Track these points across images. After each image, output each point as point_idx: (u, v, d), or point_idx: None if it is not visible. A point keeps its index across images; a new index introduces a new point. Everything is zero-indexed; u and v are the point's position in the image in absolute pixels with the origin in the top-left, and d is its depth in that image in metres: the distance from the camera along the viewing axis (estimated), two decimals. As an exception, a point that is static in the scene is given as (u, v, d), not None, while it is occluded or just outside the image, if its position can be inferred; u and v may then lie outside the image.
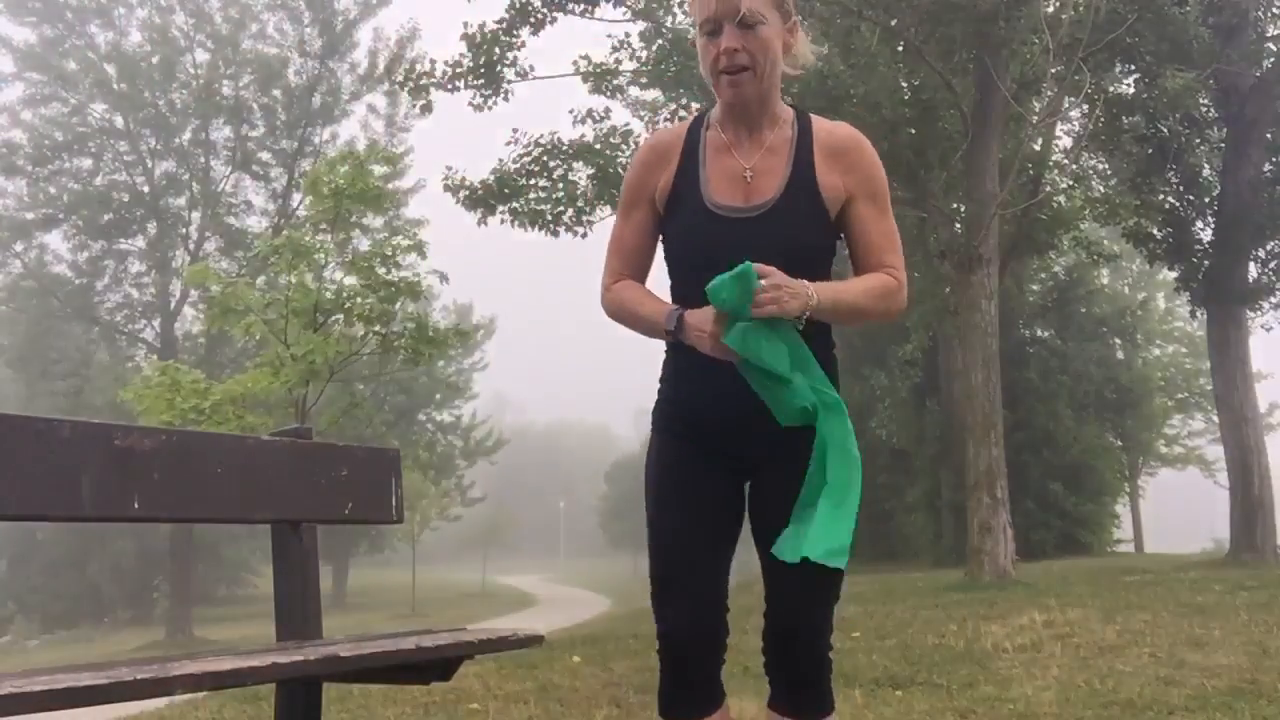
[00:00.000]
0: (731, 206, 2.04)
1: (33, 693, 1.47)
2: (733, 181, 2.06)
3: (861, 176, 2.08)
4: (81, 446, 2.13)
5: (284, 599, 2.63)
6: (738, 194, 2.05)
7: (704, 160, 2.09)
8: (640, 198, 2.15)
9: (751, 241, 1.98)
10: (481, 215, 14.03)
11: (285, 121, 30.80)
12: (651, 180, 2.13)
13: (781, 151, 2.07)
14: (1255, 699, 4.13)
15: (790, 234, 2.02)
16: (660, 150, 2.14)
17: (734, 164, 2.07)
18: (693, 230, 2.07)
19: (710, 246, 2.02)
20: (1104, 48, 13.03)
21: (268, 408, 12.89)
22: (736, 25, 1.98)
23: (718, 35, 1.99)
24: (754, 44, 1.99)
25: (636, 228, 2.16)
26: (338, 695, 5.15)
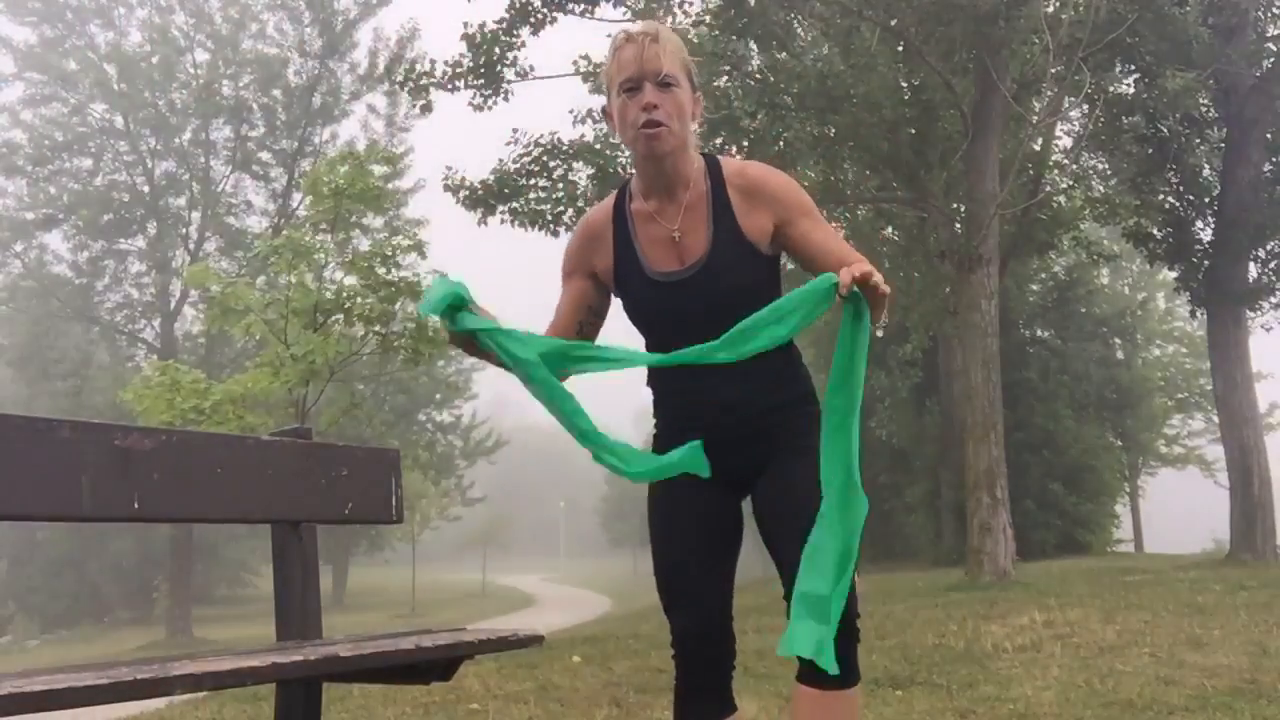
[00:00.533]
0: (669, 272, 2.21)
1: (33, 693, 1.47)
2: (665, 247, 2.22)
3: (783, 204, 2.21)
4: (81, 446, 2.13)
5: (284, 599, 2.63)
6: (672, 259, 2.21)
7: (635, 233, 2.25)
8: (577, 270, 2.32)
9: (695, 298, 2.18)
10: (481, 215, 14.03)
11: (285, 121, 30.79)
12: (590, 260, 2.30)
13: (700, 208, 2.21)
14: (1255, 699, 4.13)
15: (727, 282, 2.17)
16: (593, 232, 2.30)
17: (661, 230, 2.22)
18: (642, 301, 2.24)
19: (660, 312, 2.22)
20: (1104, 48, 13.03)
21: (268, 408, 12.88)
22: (656, 85, 2.13)
23: (637, 93, 2.14)
24: (670, 103, 2.14)
25: (570, 295, 2.32)
26: (338, 695, 5.15)
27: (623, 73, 2.16)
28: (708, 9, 15.20)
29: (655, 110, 2.12)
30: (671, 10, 15.43)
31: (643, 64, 2.13)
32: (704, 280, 2.18)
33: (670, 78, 2.15)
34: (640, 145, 2.16)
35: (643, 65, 2.13)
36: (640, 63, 2.13)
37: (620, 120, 2.19)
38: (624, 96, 2.16)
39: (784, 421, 2.22)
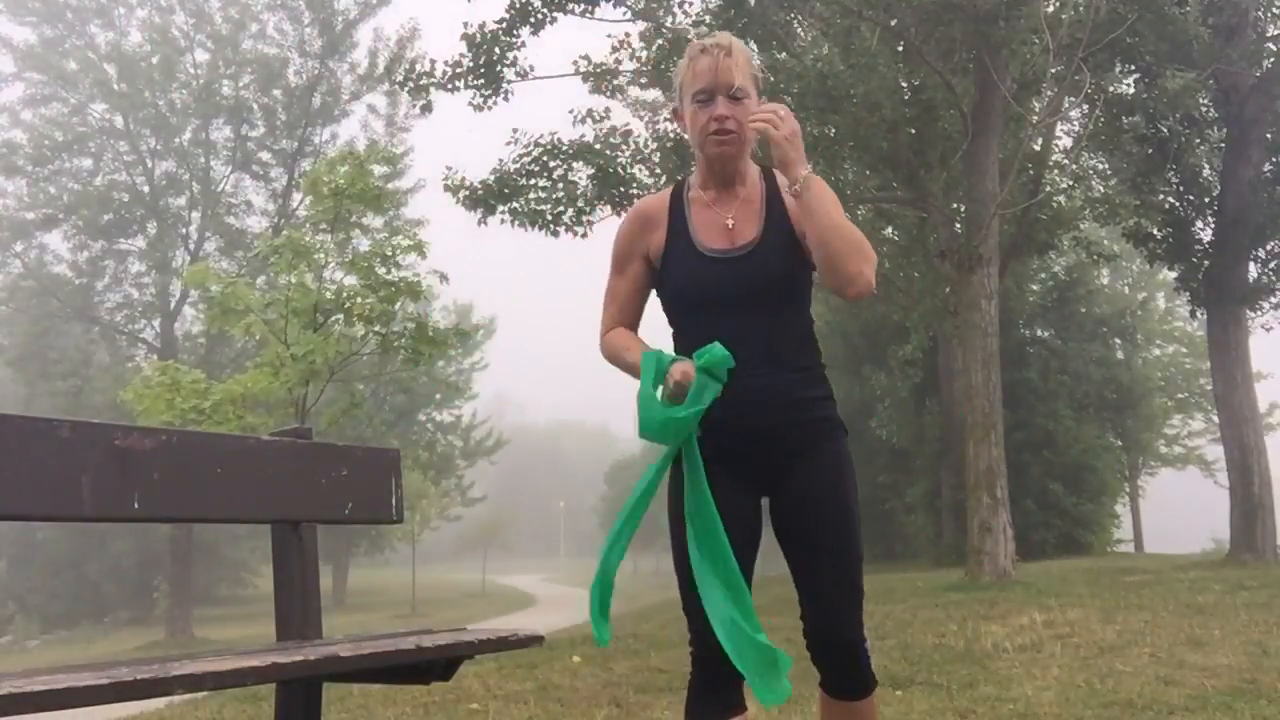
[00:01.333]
0: (720, 249, 2.34)
1: (33, 693, 1.47)
2: (718, 230, 2.37)
3: None
4: (81, 446, 2.13)
5: (284, 599, 2.63)
6: (723, 240, 2.36)
7: (690, 215, 2.40)
8: (632, 255, 2.45)
9: (739, 276, 2.31)
10: (481, 215, 14.02)
11: (285, 121, 30.77)
12: (642, 242, 2.43)
13: (755, 202, 2.40)
14: (1255, 699, 4.13)
15: (772, 266, 2.31)
16: (647, 215, 2.45)
17: (717, 216, 2.38)
18: (690, 273, 2.35)
19: (706, 284, 2.33)
20: (1104, 48, 13.03)
21: (268, 408, 12.87)
22: (728, 97, 2.32)
23: (709, 104, 2.32)
24: (740, 113, 2.33)
25: (630, 280, 2.46)
26: (338, 695, 5.15)
27: (697, 82, 2.33)
28: (708, 9, 15.20)
29: (726, 121, 2.31)
30: (671, 10, 15.43)
31: (717, 76, 2.31)
32: (750, 260, 2.31)
33: (740, 90, 2.33)
34: (709, 148, 2.34)
35: (717, 77, 2.31)
36: (714, 74, 2.31)
37: (691, 125, 2.36)
38: (696, 105, 2.34)
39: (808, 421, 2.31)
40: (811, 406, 2.31)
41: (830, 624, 2.29)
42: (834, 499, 2.29)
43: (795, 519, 2.30)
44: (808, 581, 2.30)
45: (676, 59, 13.38)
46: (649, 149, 14.39)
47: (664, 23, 15.24)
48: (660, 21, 15.22)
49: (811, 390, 2.33)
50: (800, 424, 2.29)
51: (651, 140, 14.70)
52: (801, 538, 2.29)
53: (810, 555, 2.29)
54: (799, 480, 2.29)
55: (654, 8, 15.27)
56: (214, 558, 39.12)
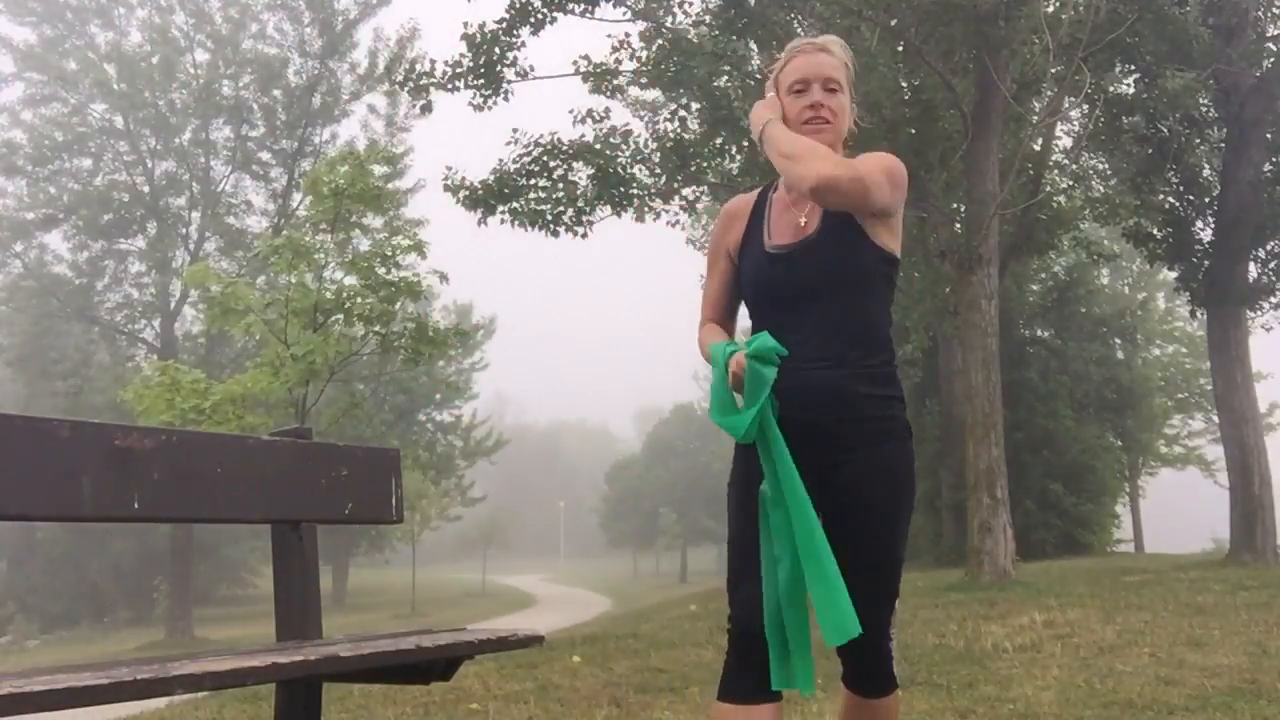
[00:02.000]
0: (784, 245, 2.39)
1: (33, 693, 1.47)
2: (790, 228, 2.41)
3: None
4: (81, 446, 2.13)
5: (284, 599, 2.63)
6: (791, 237, 2.40)
7: (769, 216, 2.46)
8: (719, 252, 2.54)
9: (796, 271, 2.34)
10: (481, 215, 14.02)
11: (285, 121, 30.76)
12: (727, 238, 2.51)
13: None
14: (1255, 699, 4.13)
15: (831, 257, 2.33)
16: (733, 213, 2.53)
17: (793, 216, 2.42)
18: (753, 270, 2.42)
19: (767, 281, 2.38)
20: (1104, 48, 13.02)
21: (268, 408, 12.87)
22: (823, 88, 2.40)
23: (805, 93, 2.40)
24: (834, 104, 2.41)
25: (719, 277, 2.54)
26: (338, 695, 5.15)
27: (793, 75, 2.42)
28: (708, 9, 15.19)
29: (821, 109, 2.38)
30: (671, 10, 15.43)
31: (814, 68, 2.41)
32: (809, 253, 2.34)
33: (835, 84, 2.41)
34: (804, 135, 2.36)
35: (814, 69, 2.40)
36: (811, 67, 2.41)
37: (787, 115, 2.42)
38: (792, 95, 2.41)
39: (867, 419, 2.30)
40: (871, 405, 2.29)
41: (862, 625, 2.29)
42: (886, 505, 2.29)
43: (844, 518, 2.28)
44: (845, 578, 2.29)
45: (676, 59, 13.33)
46: (649, 149, 14.38)
47: (664, 23, 15.23)
48: (660, 21, 15.22)
49: (873, 388, 2.29)
50: (858, 421, 2.28)
51: (651, 140, 14.70)
52: (846, 538, 2.26)
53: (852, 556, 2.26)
54: (853, 479, 2.27)
55: (654, 8, 15.26)
56: (214, 558, 39.12)
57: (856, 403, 2.27)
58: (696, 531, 56.98)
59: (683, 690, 5.12)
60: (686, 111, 14.81)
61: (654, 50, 14.58)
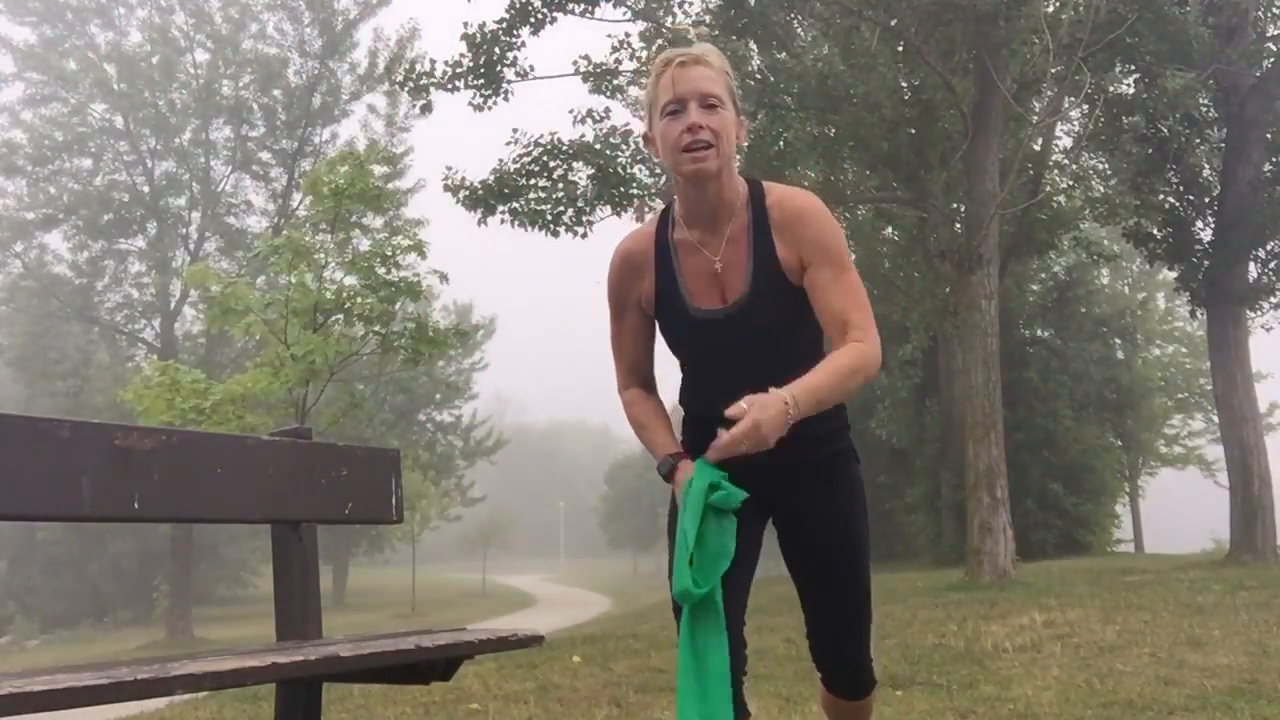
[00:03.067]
0: (710, 310, 2.19)
1: (33, 693, 1.47)
2: (707, 281, 2.19)
3: (810, 244, 2.16)
4: (81, 446, 2.13)
5: (284, 599, 2.63)
6: (714, 295, 2.19)
7: (678, 265, 2.21)
8: (625, 304, 2.30)
9: (734, 337, 2.17)
10: (481, 215, 14.02)
11: (285, 121, 30.77)
12: (633, 290, 2.27)
13: (741, 240, 2.18)
14: (1255, 699, 4.13)
15: (768, 322, 2.16)
16: (634, 261, 2.26)
17: (703, 261, 2.19)
18: (682, 336, 2.24)
19: (701, 347, 2.22)
20: (1104, 48, 13.02)
21: (268, 408, 12.88)
22: (701, 106, 2.09)
23: (681, 115, 2.10)
24: (715, 123, 2.10)
25: (630, 332, 2.32)
26: (338, 695, 5.15)
27: (665, 94, 2.13)
28: (708, 9, 15.20)
29: (701, 131, 2.09)
30: (671, 10, 15.43)
31: (687, 84, 2.10)
32: (744, 319, 2.17)
33: (714, 99, 2.11)
34: (686, 167, 2.11)
35: (687, 86, 2.10)
36: (685, 83, 2.11)
37: (663, 142, 2.15)
38: (667, 119, 2.12)
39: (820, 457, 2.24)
40: (823, 442, 2.22)
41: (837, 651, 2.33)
42: (844, 533, 2.25)
43: (804, 551, 2.27)
44: (815, 611, 2.31)
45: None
46: (649, 149, 14.38)
47: (664, 23, 15.24)
48: (660, 21, 15.23)
49: (823, 425, 2.17)
50: (812, 461, 2.21)
51: (651, 140, 14.70)
52: (810, 570, 2.27)
53: (818, 588, 2.27)
54: (809, 512, 2.24)
55: (654, 8, 15.27)
56: (214, 558, 39.13)
57: (809, 443, 2.14)
58: (696, 531, 56.83)
59: (683, 690, 5.10)
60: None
61: (654, 50, 14.59)
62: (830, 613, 2.29)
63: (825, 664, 2.35)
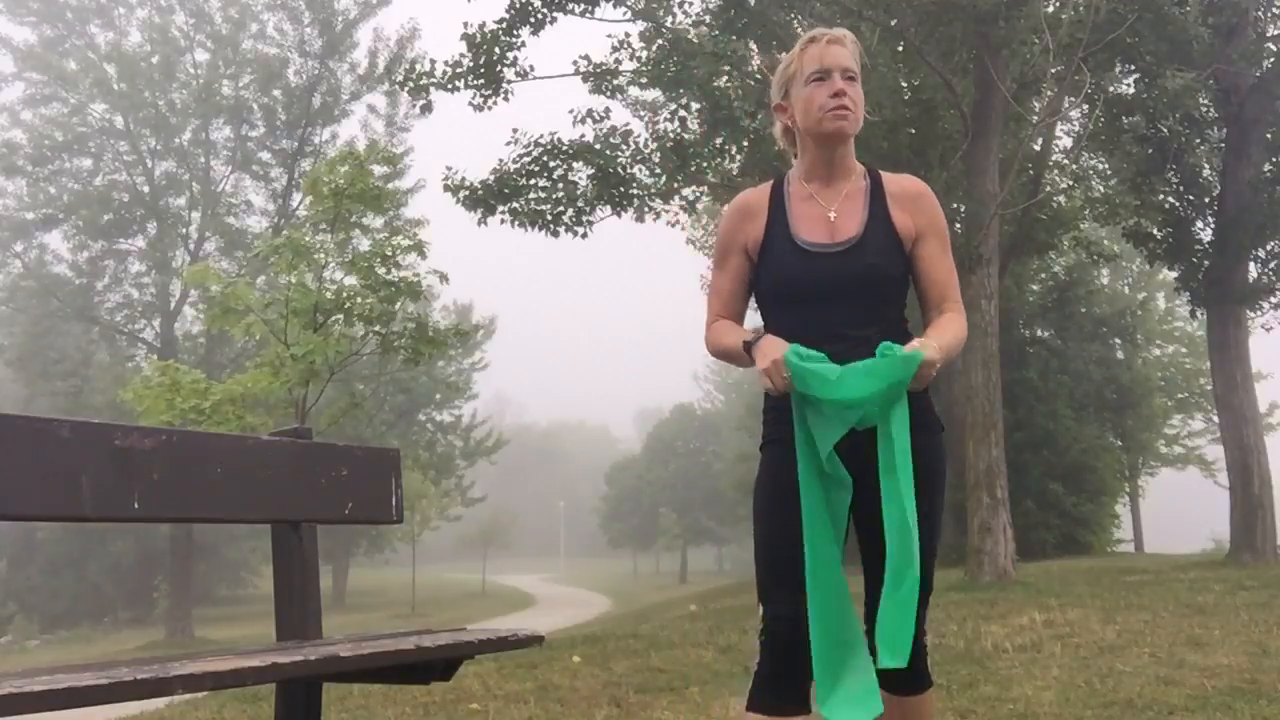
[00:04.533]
0: (819, 244, 2.34)
1: (33, 693, 1.47)
2: (818, 223, 2.36)
3: (929, 218, 2.41)
4: (81, 446, 2.13)
5: (284, 599, 2.63)
6: (824, 233, 2.35)
7: (790, 208, 2.40)
8: (732, 248, 2.44)
9: (839, 273, 2.30)
10: (481, 215, 14.01)
11: (285, 121, 30.78)
12: (742, 234, 2.43)
13: (857, 198, 2.39)
14: (1255, 699, 4.13)
15: (873, 264, 2.32)
16: (747, 207, 2.45)
17: (818, 209, 2.38)
18: (786, 266, 2.35)
19: (802, 279, 2.33)
20: (1104, 48, 13.02)
21: (268, 408, 12.88)
22: (843, 77, 2.34)
23: (825, 82, 2.34)
24: (855, 92, 2.36)
25: (732, 274, 2.45)
26: (338, 695, 5.15)
27: (811, 65, 2.35)
28: (708, 9, 15.19)
29: (844, 96, 2.32)
30: (671, 10, 15.43)
31: (833, 58, 2.34)
32: (851, 256, 2.31)
33: (854, 74, 2.35)
34: (827, 123, 2.32)
35: (833, 60, 2.34)
36: (830, 57, 2.34)
37: (806, 105, 2.35)
38: (813, 85, 2.34)
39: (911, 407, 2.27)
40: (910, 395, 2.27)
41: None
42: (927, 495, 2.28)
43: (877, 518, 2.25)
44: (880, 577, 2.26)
45: (676, 59, 13.28)
46: (649, 149, 14.37)
47: (664, 23, 15.23)
48: (660, 21, 15.22)
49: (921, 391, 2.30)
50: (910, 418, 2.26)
51: (651, 140, 14.70)
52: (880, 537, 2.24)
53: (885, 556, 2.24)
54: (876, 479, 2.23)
55: (654, 8, 15.26)
56: (214, 558, 39.13)
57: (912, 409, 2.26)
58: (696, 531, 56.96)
59: (683, 690, 5.12)
60: (686, 111, 14.81)
61: (654, 50, 14.59)
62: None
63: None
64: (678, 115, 14.87)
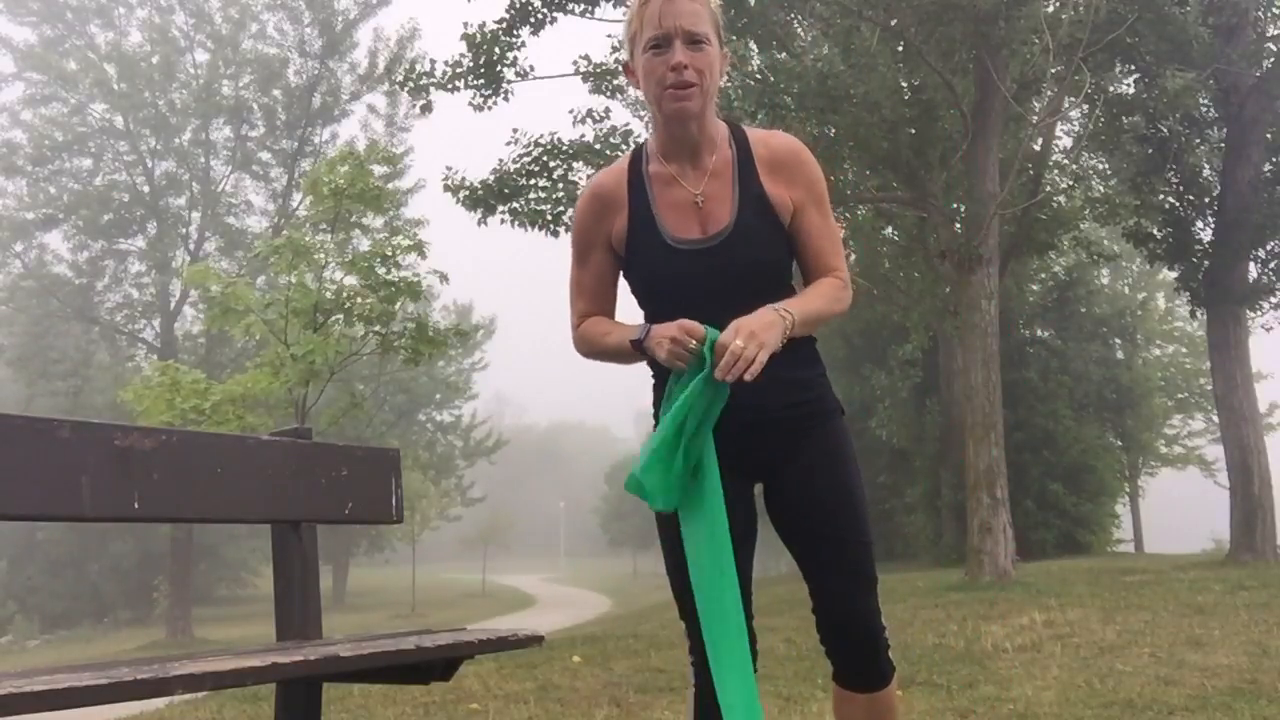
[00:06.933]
0: (690, 240, 2.09)
1: (33, 693, 1.47)
2: (685, 212, 2.10)
3: (805, 185, 2.13)
4: (81, 446, 2.13)
5: (284, 599, 2.63)
6: (693, 225, 2.10)
7: (653, 197, 2.12)
8: (593, 243, 2.19)
9: (715, 270, 2.06)
10: (481, 215, 14.01)
11: (285, 121, 30.79)
12: (603, 227, 2.17)
13: (725, 174, 2.11)
14: (1255, 699, 4.13)
15: (752, 256, 2.08)
16: (605, 197, 2.17)
17: (683, 193, 2.11)
18: (657, 266, 2.11)
19: (677, 280, 2.09)
20: (1104, 48, 13.03)
21: (268, 408, 12.88)
22: (686, 44, 2.02)
23: (665, 51, 2.03)
24: (700, 61, 2.03)
25: (595, 271, 2.21)
26: (338, 695, 5.15)
27: (650, 28, 2.04)
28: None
29: (685, 70, 2.02)
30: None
31: (673, 20, 2.02)
32: (728, 250, 2.07)
33: (700, 35, 2.04)
34: (666, 104, 2.05)
35: (673, 22, 2.02)
36: (670, 18, 2.02)
37: (645, 78, 2.08)
38: (650, 53, 2.05)
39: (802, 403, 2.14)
40: (804, 387, 2.13)
41: (844, 616, 2.12)
42: (834, 483, 2.11)
43: (795, 508, 2.13)
44: (815, 572, 2.13)
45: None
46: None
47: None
48: None
49: (803, 370, 2.13)
50: (794, 405, 2.11)
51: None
52: (803, 527, 2.13)
53: (814, 545, 2.12)
54: (796, 466, 2.12)
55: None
56: (214, 558, 39.14)
57: (790, 387, 2.09)
58: (696, 531, 56.82)
59: (683, 690, 5.12)
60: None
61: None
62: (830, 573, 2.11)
63: (834, 637, 2.15)
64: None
